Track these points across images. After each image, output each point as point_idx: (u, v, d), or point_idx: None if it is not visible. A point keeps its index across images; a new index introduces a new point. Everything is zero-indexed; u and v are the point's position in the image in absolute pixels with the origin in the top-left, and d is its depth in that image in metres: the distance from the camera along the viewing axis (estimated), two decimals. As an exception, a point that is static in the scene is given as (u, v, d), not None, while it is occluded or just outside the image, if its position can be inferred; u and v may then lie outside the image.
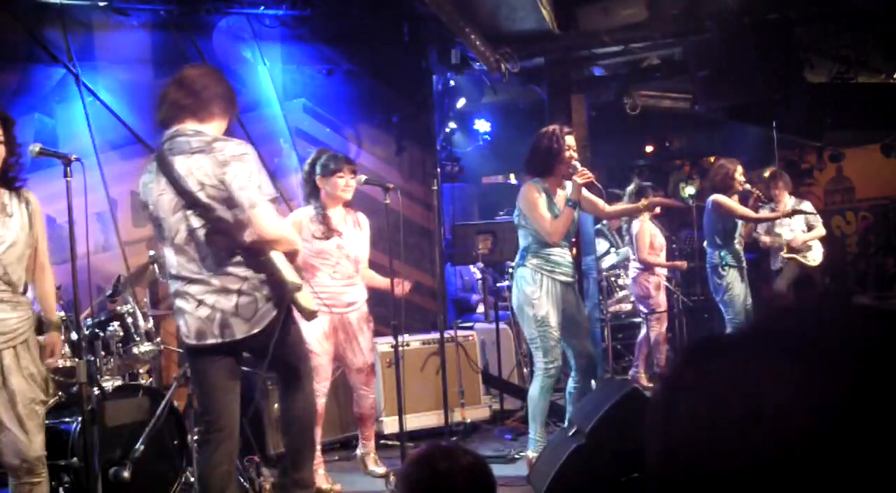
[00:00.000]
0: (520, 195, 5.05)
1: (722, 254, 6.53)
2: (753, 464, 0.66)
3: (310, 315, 3.71)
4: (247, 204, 3.41)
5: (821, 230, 7.81)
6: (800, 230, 7.72)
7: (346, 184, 5.00)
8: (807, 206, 7.74)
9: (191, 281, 3.51)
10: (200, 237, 3.47)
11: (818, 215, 7.85)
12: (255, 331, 3.51)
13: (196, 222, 3.47)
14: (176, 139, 3.51)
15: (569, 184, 5.03)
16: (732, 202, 6.51)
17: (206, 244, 3.47)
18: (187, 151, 3.47)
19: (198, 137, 3.49)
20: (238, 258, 3.49)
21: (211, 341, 3.51)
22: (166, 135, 3.56)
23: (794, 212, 7.21)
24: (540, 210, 4.91)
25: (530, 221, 4.95)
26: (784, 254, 7.64)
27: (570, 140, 5.00)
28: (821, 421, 0.65)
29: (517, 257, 5.10)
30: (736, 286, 6.53)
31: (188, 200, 3.46)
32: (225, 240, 3.48)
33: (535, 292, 4.90)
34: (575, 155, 4.98)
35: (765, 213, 7.20)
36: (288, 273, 3.54)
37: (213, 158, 3.43)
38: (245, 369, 3.87)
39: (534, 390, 4.97)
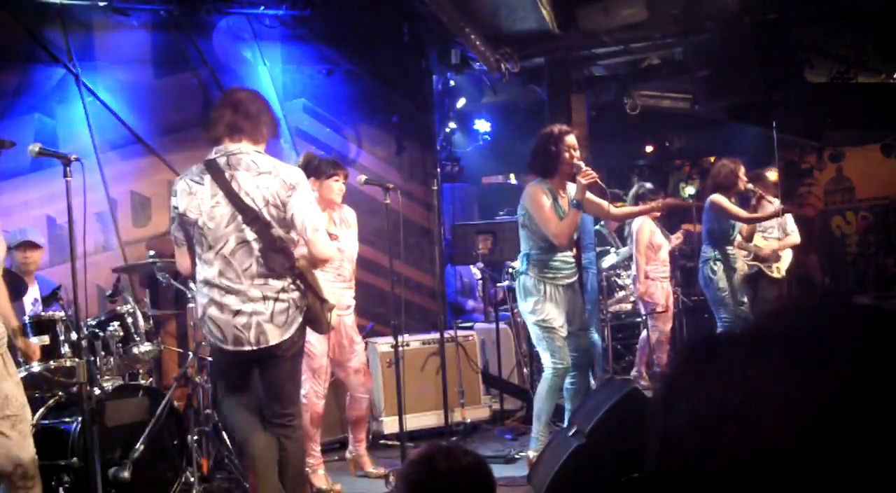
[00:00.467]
0: (525, 196, 5.01)
1: (715, 252, 6.55)
2: (752, 463, 0.66)
3: (328, 329, 3.94)
4: (310, 228, 3.64)
5: (795, 238, 7.70)
6: (774, 238, 7.65)
7: (340, 188, 5.03)
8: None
9: (229, 291, 3.63)
10: (253, 250, 3.62)
11: (793, 223, 7.77)
12: (286, 337, 3.66)
13: (251, 236, 3.62)
14: (237, 156, 3.66)
15: (571, 185, 5.01)
16: (728, 203, 6.51)
17: (259, 257, 3.62)
18: (253, 170, 3.64)
19: (261, 158, 3.68)
20: (281, 272, 3.65)
21: (247, 348, 3.65)
22: (221, 150, 3.68)
23: (785, 211, 7.12)
24: (546, 211, 4.88)
25: (537, 222, 4.92)
26: (749, 260, 7.50)
27: (570, 140, 4.97)
28: (820, 421, 0.65)
29: (519, 264, 5.08)
30: (728, 287, 6.53)
31: (249, 215, 3.61)
32: (277, 255, 3.64)
33: (537, 301, 4.90)
34: (577, 155, 4.95)
35: (757, 214, 7.12)
36: (327, 292, 3.78)
37: (279, 181, 3.63)
38: None
39: (541, 389, 4.97)
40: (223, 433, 4.89)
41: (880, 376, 0.66)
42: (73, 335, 4.43)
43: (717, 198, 6.50)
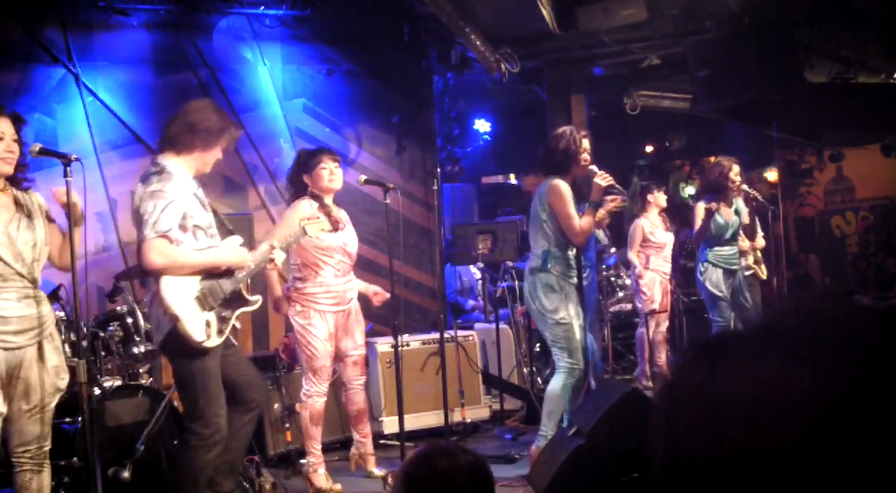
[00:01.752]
0: (548, 192, 4.90)
1: (705, 253, 6.56)
2: (757, 463, 0.66)
3: (196, 345, 3.81)
4: (140, 235, 3.79)
5: (762, 242, 7.62)
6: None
7: (330, 172, 4.95)
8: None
9: None
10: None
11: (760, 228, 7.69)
12: (159, 339, 3.90)
13: (139, 237, 3.88)
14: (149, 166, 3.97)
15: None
16: (700, 211, 6.46)
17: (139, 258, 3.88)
18: (141, 178, 3.90)
19: (152, 168, 3.89)
20: (148, 276, 3.90)
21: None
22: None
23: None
24: (570, 208, 4.84)
25: (560, 218, 4.84)
26: (749, 262, 7.41)
27: (585, 142, 5.03)
28: (823, 421, 0.65)
29: (538, 262, 4.93)
30: (722, 286, 6.49)
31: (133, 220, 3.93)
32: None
33: (559, 299, 4.86)
34: (588, 158, 5.00)
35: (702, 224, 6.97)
36: (170, 302, 3.77)
37: (142, 188, 3.82)
38: None
39: (555, 385, 4.89)
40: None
41: (883, 377, 0.66)
42: (73, 335, 4.44)
43: (701, 203, 6.54)
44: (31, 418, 3.56)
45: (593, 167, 4.92)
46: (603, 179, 4.86)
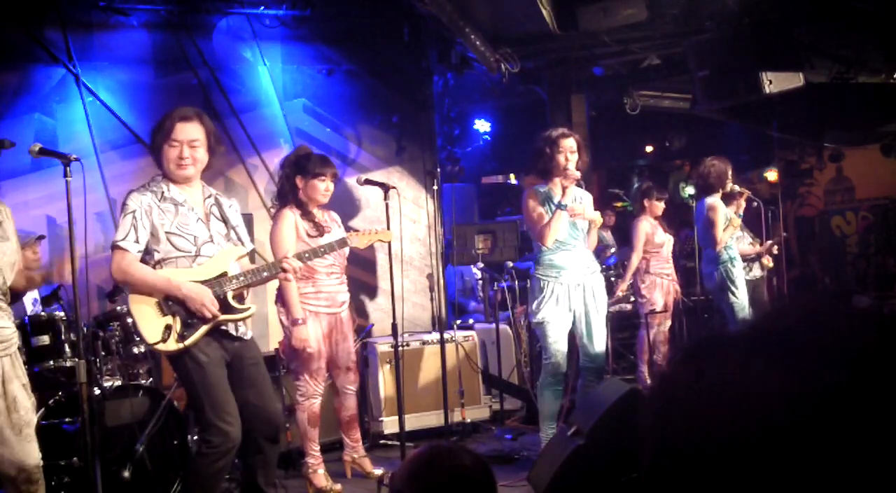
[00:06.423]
0: (522, 202, 5.20)
1: (728, 252, 6.55)
2: (747, 462, 0.66)
3: (151, 346, 3.83)
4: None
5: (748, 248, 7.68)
6: (748, 242, 7.68)
7: (325, 188, 4.95)
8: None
9: None
10: None
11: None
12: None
13: None
14: None
15: (572, 186, 5.06)
16: (721, 217, 6.52)
17: None
18: None
19: None
20: None
21: None
22: None
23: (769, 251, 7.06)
24: (531, 215, 5.04)
25: (528, 224, 5.11)
26: (766, 263, 7.44)
27: (565, 144, 4.99)
28: (815, 421, 0.66)
29: (532, 265, 5.26)
30: (742, 285, 6.55)
31: None
32: None
33: (538, 298, 5.03)
34: (570, 157, 4.97)
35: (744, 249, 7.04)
36: (130, 303, 3.78)
37: None
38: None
39: (539, 383, 5.17)
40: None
41: (875, 377, 0.67)
42: (73, 335, 4.44)
43: (716, 203, 6.53)
44: (20, 435, 3.49)
45: (568, 170, 4.92)
46: (567, 178, 4.93)
